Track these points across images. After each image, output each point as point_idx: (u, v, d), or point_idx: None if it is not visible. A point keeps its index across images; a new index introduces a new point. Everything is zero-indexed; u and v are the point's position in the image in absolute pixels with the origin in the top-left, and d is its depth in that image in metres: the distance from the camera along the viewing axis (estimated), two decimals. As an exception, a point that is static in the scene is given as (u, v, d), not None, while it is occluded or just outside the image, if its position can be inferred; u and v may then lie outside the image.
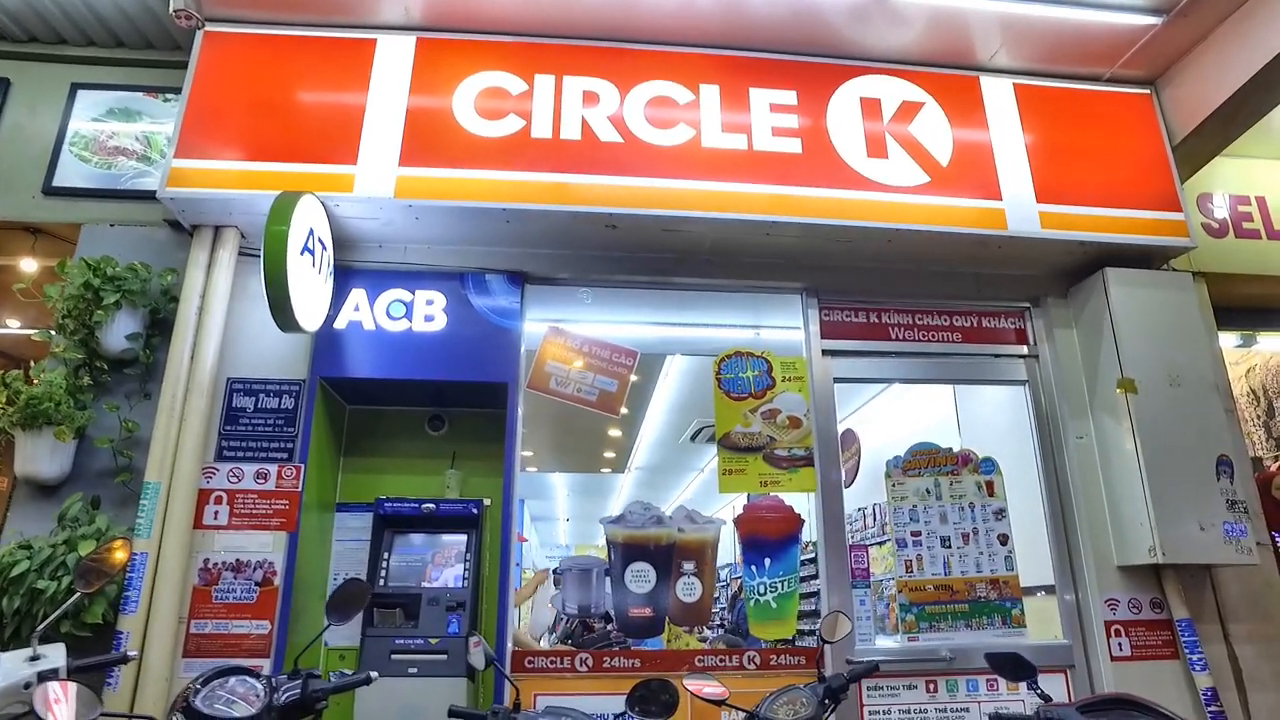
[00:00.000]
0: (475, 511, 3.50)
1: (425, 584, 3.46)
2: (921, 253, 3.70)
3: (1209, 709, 3.25)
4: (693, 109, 3.57)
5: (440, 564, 3.56)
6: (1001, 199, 3.63)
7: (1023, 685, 2.44)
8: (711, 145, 3.51)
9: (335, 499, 3.64)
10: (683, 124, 3.54)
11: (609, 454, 7.44)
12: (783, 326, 3.85)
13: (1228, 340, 4.63)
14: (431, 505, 3.54)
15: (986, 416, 4.24)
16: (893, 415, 5.41)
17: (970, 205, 3.59)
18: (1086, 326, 3.76)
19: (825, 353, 3.73)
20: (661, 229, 3.47)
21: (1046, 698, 2.38)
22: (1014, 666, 2.51)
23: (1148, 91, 3.96)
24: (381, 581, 3.41)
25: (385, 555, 3.50)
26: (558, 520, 10.55)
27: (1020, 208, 3.62)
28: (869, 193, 3.53)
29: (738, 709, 2.26)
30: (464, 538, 3.53)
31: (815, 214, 3.46)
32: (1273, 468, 5.89)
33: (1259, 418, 6.56)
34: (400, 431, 3.82)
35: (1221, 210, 4.22)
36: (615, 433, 7.00)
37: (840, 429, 6.52)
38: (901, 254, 3.71)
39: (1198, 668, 3.33)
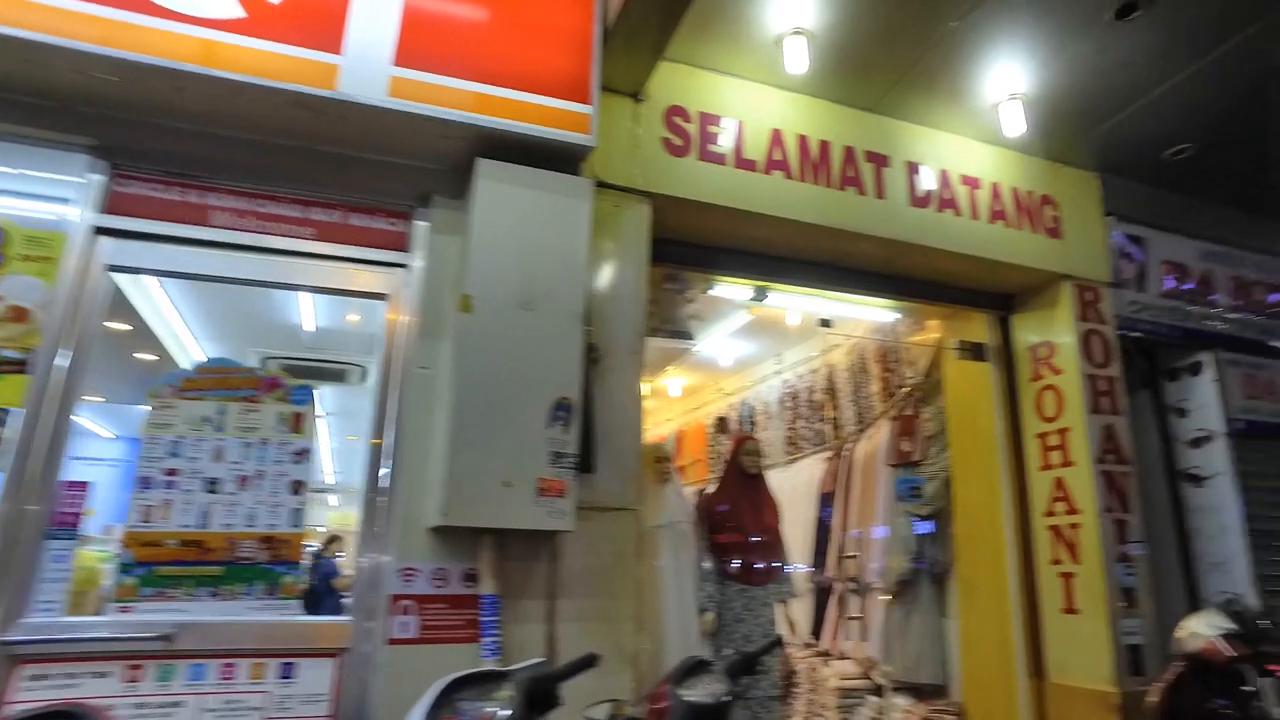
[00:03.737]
0: None
1: None
2: (237, 112, 2.81)
3: (478, 704, 2.63)
4: None
5: None
6: (341, 53, 2.79)
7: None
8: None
9: None
10: None
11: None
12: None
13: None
14: None
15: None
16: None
17: (292, 54, 2.72)
18: (467, 232, 3.03)
19: (101, 230, 2.78)
20: None
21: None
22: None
23: (591, -39, 3.26)
24: None
25: None
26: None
27: (363, 68, 2.79)
28: (151, 19, 2.58)
29: None
30: None
31: (60, 35, 2.48)
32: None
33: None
34: None
35: (692, 127, 3.63)
36: (149, 356, 5.86)
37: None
38: (216, 112, 2.81)
39: (487, 652, 2.70)
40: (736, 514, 4.09)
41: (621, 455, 3.13)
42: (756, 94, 3.83)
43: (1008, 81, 3.88)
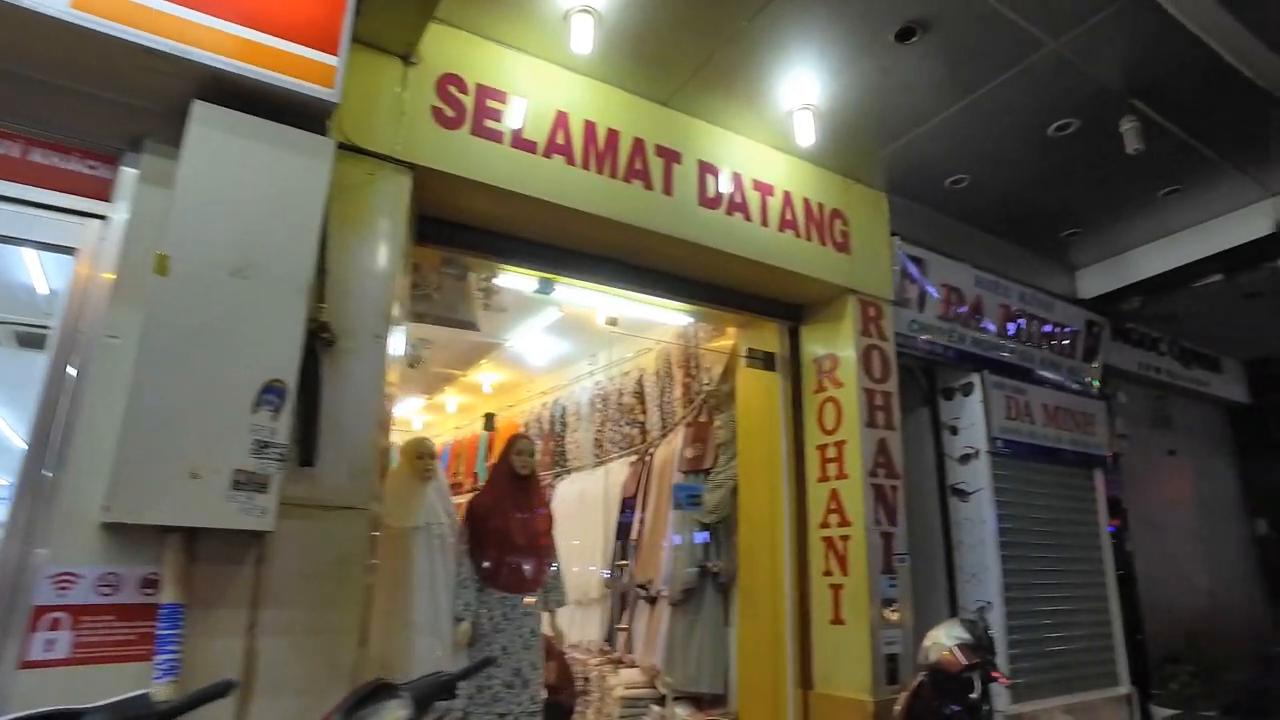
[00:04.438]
0: None
1: None
2: None
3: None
4: None
5: None
6: (-2, -54, 2.31)
7: None
8: None
9: None
10: None
11: None
12: None
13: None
14: None
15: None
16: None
17: (-63, -63, 2.23)
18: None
19: None
20: None
21: None
22: None
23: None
24: None
25: None
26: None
27: (39, -30, 2.33)
28: None
29: None
30: None
31: None
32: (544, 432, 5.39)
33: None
34: None
35: (468, 99, 3.37)
36: None
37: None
38: None
39: (160, 672, 2.29)
40: (502, 516, 3.83)
41: (354, 449, 2.80)
42: (543, 72, 3.62)
43: (801, 90, 3.89)
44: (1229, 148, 4.50)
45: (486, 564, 3.77)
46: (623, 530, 6.13)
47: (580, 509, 6.90)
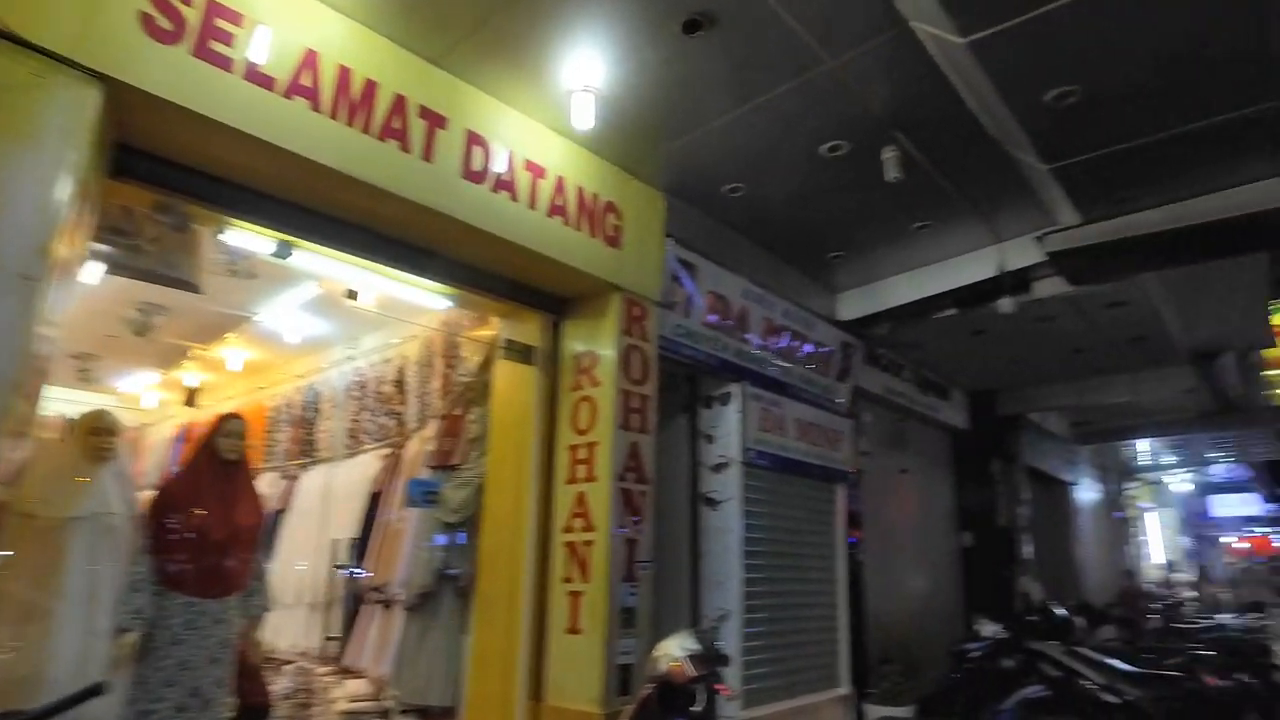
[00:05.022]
0: None
1: None
2: None
3: None
4: None
5: None
6: None
7: None
8: None
9: None
10: None
11: None
12: None
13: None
14: None
15: None
16: None
17: None
18: None
19: None
20: None
21: None
22: None
23: None
24: None
25: None
26: None
27: None
28: None
29: None
30: None
31: None
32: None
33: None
34: None
35: (193, 13, 2.81)
36: None
37: None
38: None
39: None
40: (197, 507, 3.25)
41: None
42: (293, 2, 3.13)
43: (582, 70, 3.66)
44: (971, 191, 4.87)
45: (171, 564, 3.16)
46: (369, 528, 5.63)
47: (325, 504, 6.31)
